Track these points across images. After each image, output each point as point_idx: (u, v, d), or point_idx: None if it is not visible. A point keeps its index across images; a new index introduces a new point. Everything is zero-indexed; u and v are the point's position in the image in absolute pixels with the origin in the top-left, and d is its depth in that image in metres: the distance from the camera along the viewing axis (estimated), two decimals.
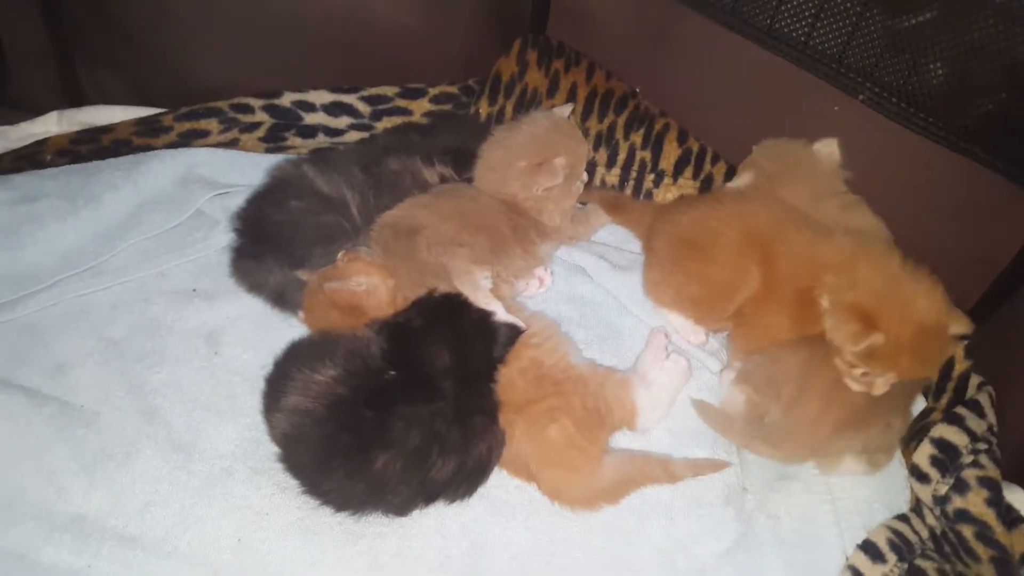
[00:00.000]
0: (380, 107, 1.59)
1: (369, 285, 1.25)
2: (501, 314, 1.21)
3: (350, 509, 1.10)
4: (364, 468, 1.07)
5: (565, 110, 1.43)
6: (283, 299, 1.31)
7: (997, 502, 1.11)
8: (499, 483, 1.16)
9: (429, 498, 1.11)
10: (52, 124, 1.58)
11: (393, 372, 1.12)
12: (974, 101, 1.22)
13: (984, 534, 1.10)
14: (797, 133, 1.33)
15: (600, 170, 1.52)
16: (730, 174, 1.46)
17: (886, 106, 1.27)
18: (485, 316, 1.19)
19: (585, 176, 1.42)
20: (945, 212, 1.30)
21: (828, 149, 1.33)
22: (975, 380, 1.25)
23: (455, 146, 1.40)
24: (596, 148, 1.52)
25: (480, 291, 1.23)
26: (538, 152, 1.33)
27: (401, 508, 1.11)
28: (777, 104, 1.35)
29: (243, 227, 1.33)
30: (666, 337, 1.28)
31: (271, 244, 1.30)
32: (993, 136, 1.22)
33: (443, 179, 1.40)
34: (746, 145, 1.37)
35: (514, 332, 1.19)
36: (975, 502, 1.12)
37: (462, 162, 1.38)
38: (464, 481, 1.12)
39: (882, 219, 1.28)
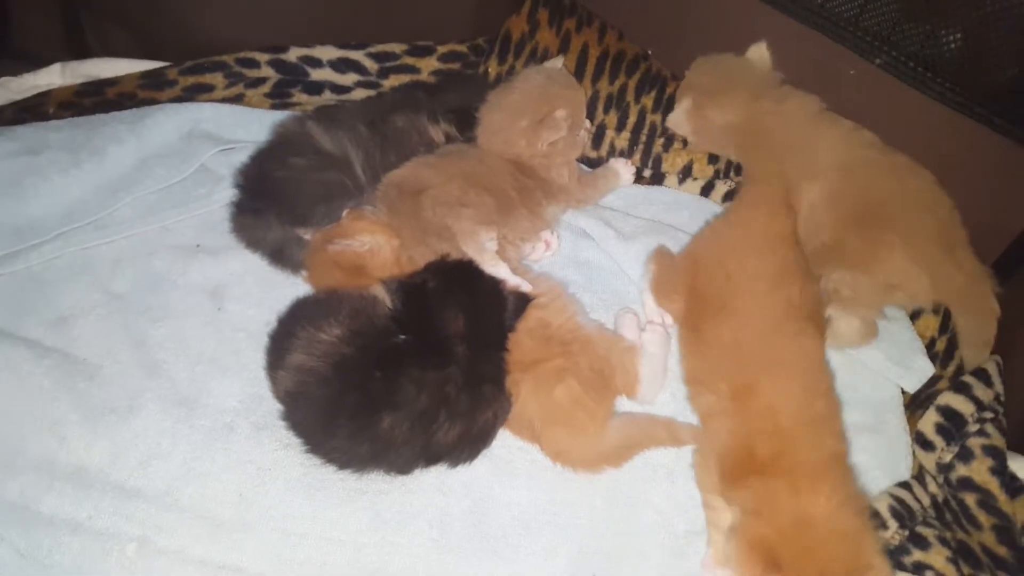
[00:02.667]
0: (388, 64, 1.57)
1: (373, 244, 1.24)
2: (506, 275, 1.20)
3: (353, 467, 1.10)
4: (370, 428, 1.06)
5: (556, 63, 1.41)
6: (281, 255, 1.30)
7: (1001, 471, 1.12)
8: (502, 443, 1.16)
9: (431, 460, 1.11)
10: (55, 76, 1.56)
11: (403, 336, 1.11)
12: (992, 68, 1.20)
13: (987, 502, 1.11)
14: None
15: (610, 133, 1.50)
16: None
17: (903, 71, 1.25)
18: (498, 283, 1.18)
19: (588, 123, 1.41)
20: (959, 179, 1.27)
21: (759, 53, 1.34)
22: None
23: (459, 105, 1.38)
24: (606, 111, 1.50)
25: (485, 252, 1.22)
26: (537, 108, 1.32)
27: (403, 468, 1.11)
28: (792, 67, 1.32)
29: (244, 183, 1.32)
30: (635, 315, 1.27)
31: (271, 200, 1.29)
32: (1011, 103, 1.19)
33: (448, 137, 1.38)
34: None
35: (523, 300, 1.17)
36: (979, 470, 1.12)
37: (465, 121, 1.37)
38: (467, 446, 1.12)
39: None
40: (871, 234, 1.22)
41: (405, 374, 1.07)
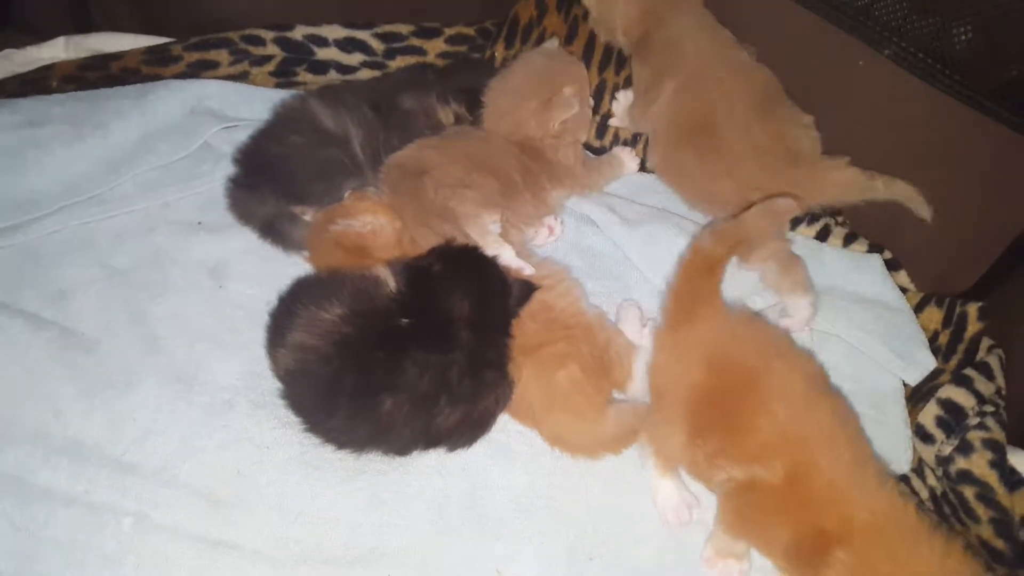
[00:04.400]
0: (394, 45, 1.55)
1: (375, 225, 1.24)
2: (510, 257, 1.19)
3: (351, 447, 1.09)
4: (370, 409, 1.06)
5: (552, 44, 1.42)
6: (272, 230, 1.30)
7: (1000, 464, 1.11)
8: (501, 428, 1.16)
9: (430, 443, 1.11)
10: (59, 50, 1.55)
11: (407, 320, 1.10)
12: (1003, 61, 1.19)
13: (985, 495, 1.10)
14: (820, 86, 1.31)
15: (614, 121, 1.49)
16: None
17: (912, 62, 1.24)
18: (503, 269, 1.18)
19: (591, 101, 1.41)
20: (966, 173, 1.27)
21: None
22: (986, 343, 1.24)
23: (470, 85, 1.38)
24: (612, 100, 1.49)
25: (488, 235, 1.21)
26: (544, 88, 1.31)
27: (401, 450, 1.11)
28: (801, 57, 1.31)
29: (241, 159, 1.31)
30: (638, 309, 1.26)
31: (267, 176, 1.29)
32: (1021, 98, 1.19)
33: (457, 118, 1.38)
34: None
35: (528, 288, 1.17)
36: (978, 463, 1.11)
37: (476, 102, 1.36)
38: (467, 431, 1.12)
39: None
40: (702, 156, 1.28)
41: (408, 357, 1.06)
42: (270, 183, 1.28)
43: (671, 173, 1.37)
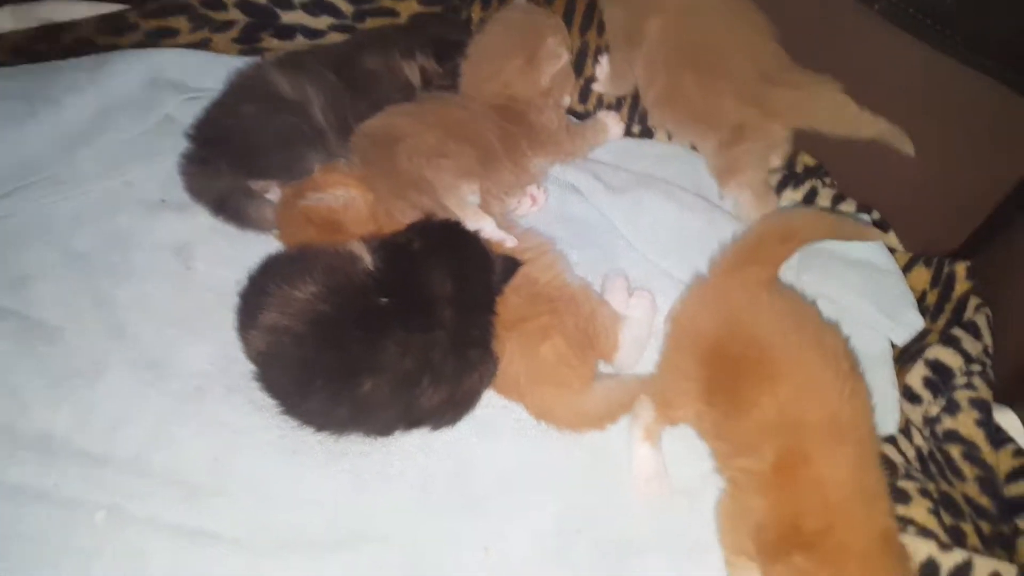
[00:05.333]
0: (364, 7, 1.48)
1: (346, 199, 1.20)
2: (491, 229, 1.16)
3: (331, 429, 1.07)
4: (349, 390, 1.03)
5: (520, 1, 1.39)
6: (225, 206, 1.25)
7: (987, 423, 1.11)
8: (486, 403, 1.14)
9: (412, 423, 1.08)
10: (6, 20, 1.46)
11: (386, 300, 1.07)
12: (994, 16, 1.16)
13: (971, 454, 1.10)
14: (809, 43, 1.26)
15: (598, 85, 1.45)
16: None
17: (902, 17, 1.20)
18: (486, 245, 1.15)
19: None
20: (956, 130, 1.24)
21: None
22: (974, 301, 1.23)
23: (437, 36, 1.33)
24: (595, 63, 1.44)
25: (467, 207, 1.18)
26: (527, 43, 1.28)
27: (382, 430, 1.09)
28: (788, 12, 1.27)
29: (194, 132, 1.26)
30: (624, 279, 1.24)
31: (219, 149, 1.24)
32: (1012, 52, 1.16)
33: (424, 73, 1.33)
34: None
35: (512, 264, 1.14)
36: (965, 423, 1.11)
37: (445, 52, 1.31)
38: (451, 410, 1.10)
39: None
40: (703, 79, 1.27)
41: (389, 336, 1.03)
42: (224, 156, 1.23)
43: (671, 101, 1.34)
